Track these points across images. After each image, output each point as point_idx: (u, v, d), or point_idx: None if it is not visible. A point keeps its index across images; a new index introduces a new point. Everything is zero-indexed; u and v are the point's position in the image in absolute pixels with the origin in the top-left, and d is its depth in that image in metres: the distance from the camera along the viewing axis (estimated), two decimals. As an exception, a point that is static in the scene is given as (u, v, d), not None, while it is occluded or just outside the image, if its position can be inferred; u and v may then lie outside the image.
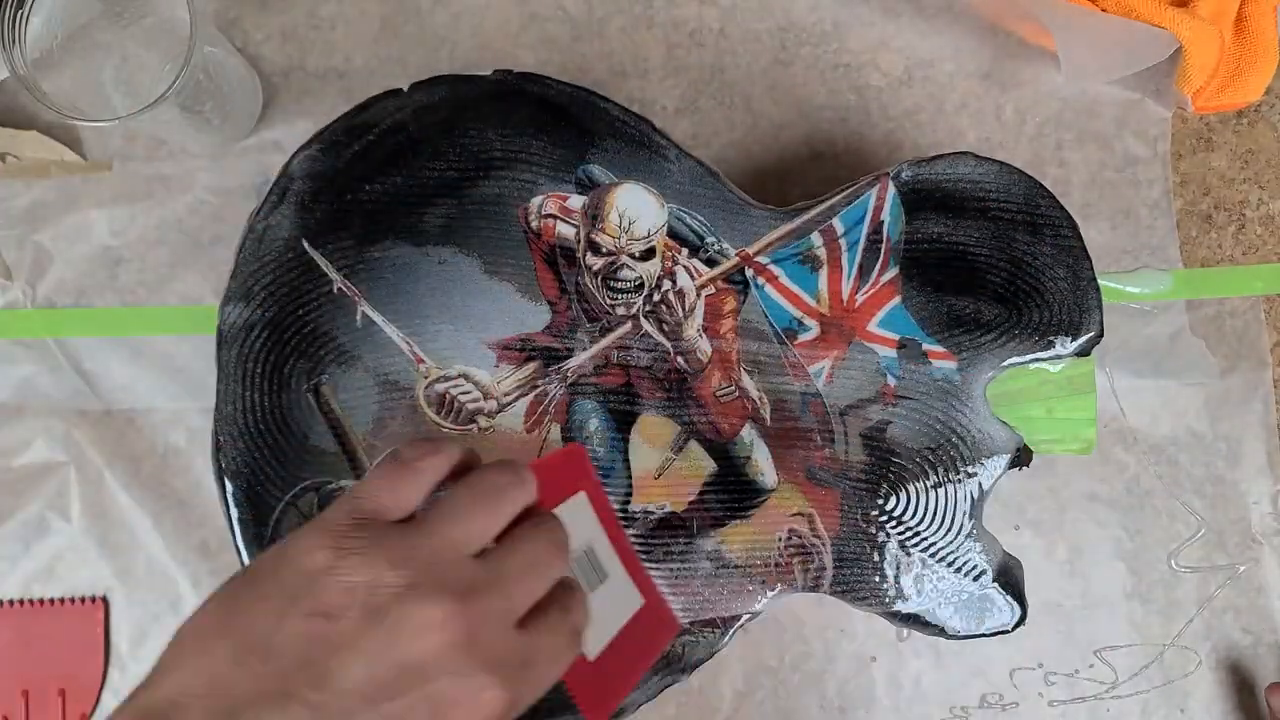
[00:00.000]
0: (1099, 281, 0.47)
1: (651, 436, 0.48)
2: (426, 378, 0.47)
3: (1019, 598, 0.47)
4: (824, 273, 0.48)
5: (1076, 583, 0.54)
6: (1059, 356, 0.47)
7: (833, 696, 0.53)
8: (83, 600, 0.52)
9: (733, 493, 0.47)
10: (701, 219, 0.47)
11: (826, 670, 0.53)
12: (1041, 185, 0.47)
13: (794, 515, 0.47)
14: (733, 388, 0.48)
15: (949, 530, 0.47)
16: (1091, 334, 0.47)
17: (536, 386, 0.47)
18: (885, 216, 0.47)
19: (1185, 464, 0.54)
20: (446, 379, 0.47)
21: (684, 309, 0.47)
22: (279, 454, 0.47)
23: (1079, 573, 0.54)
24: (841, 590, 0.47)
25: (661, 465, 0.48)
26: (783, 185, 0.54)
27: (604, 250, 0.47)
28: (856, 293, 0.48)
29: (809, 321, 0.48)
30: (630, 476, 0.47)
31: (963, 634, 0.47)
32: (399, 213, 0.47)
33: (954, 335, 0.47)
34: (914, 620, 0.47)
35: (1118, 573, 0.54)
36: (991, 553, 0.47)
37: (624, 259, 0.47)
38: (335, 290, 0.47)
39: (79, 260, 0.53)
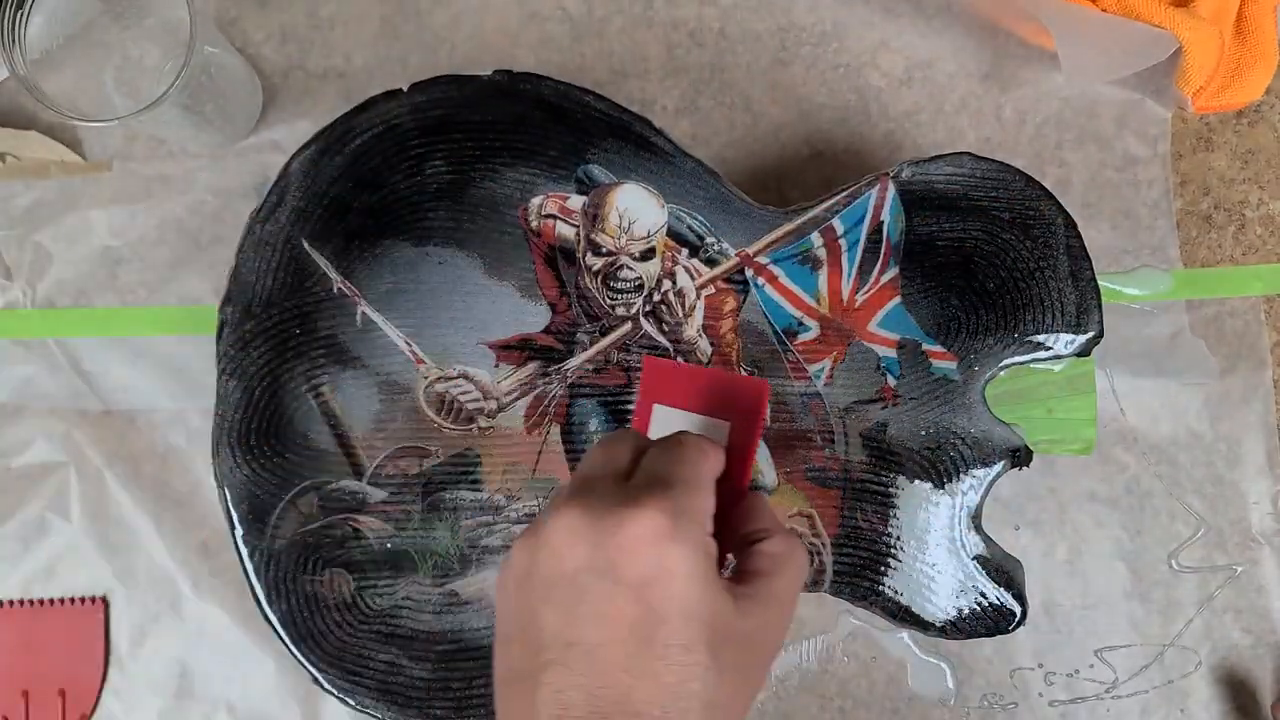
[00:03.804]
0: (1099, 281, 0.47)
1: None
2: (426, 378, 0.47)
3: (1019, 598, 0.47)
4: (824, 273, 0.48)
5: (1076, 583, 0.54)
6: (1059, 357, 0.47)
7: (833, 696, 0.53)
8: (83, 600, 0.52)
9: (733, 493, 0.47)
10: (701, 219, 0.47)
11: (826, 670, 0.53)
12: (1041, 185, 0.47)
13: (794, 515, 0.47)
14: (733, 388, 0.48)
15: (949, 530, 0.47)
16: (1091, 334, 0.47)
17: (536, 387, 0.48)
18: (885, 216, 0.47)
19: (1185, 464, 0.54)
20: (446, 379, 0.47)
21: (684, 309, 0.47)
22: (279, 454, 0.47)
23: (1079, 573, 0.54)
24: (841, 590, 0.47)
25: (661, 465, 0.48)
26: (783, 185, 0.54)
27: (604, 250, 0.47)
28: (856, 293, 0.48)
29: (809, 321, 0.48)
30: (630, 476, 0.47)
31: (962, 634, 0.47)
32: (399, 213, 0.47)
33: (954, 335, 0.47)
34: (913, 620, 0.47)
35: (1118, 573, 0.54)
36: (991, 553, 0.47)
37: (624, 259, 0.47)
38: (335, 290, 0.47)
39: (79, 260, 0.53)
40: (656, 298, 0.47)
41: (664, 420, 0.39)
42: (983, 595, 0.47)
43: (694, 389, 0.39)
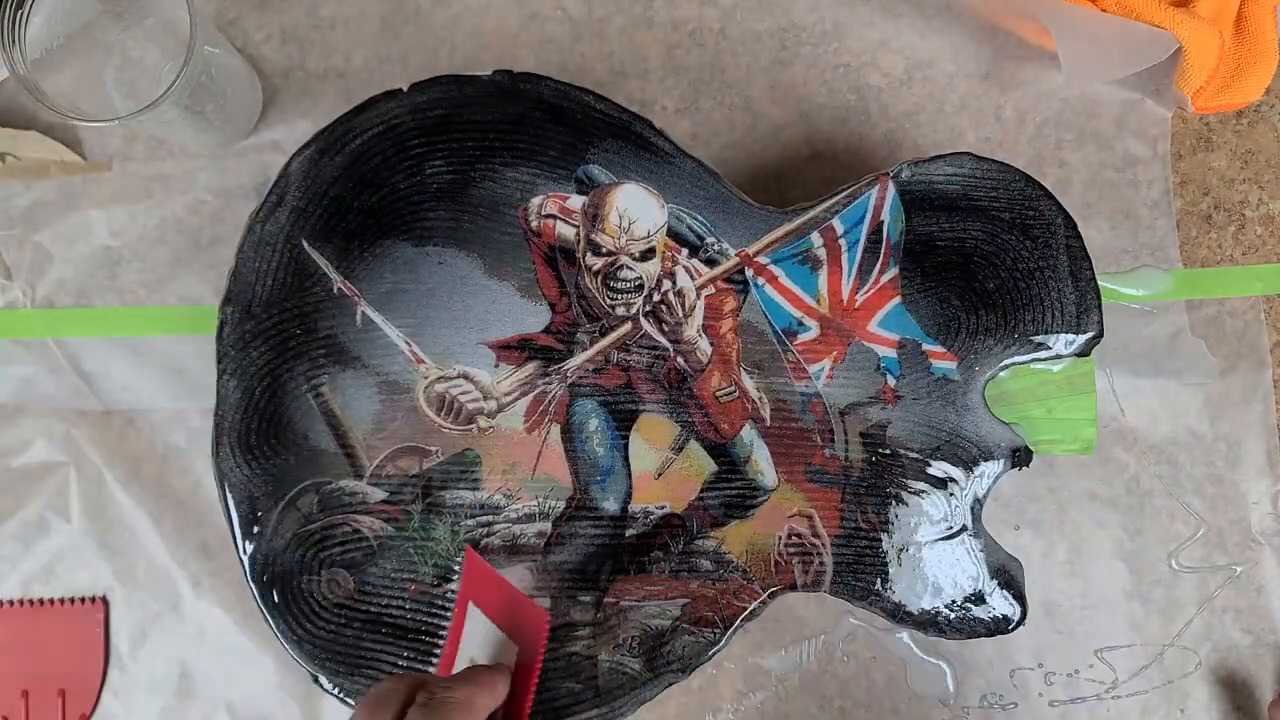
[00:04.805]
0: (1099, 281, 0.47)
1: (652, 436, 0.48)
2: (426, 378, 0.47)
3: (1019, 598, 0.47)
4: (824, 273, 0.48)
5: (1076, 583, 0.54)
6: (1059, 357, 0.47)
7: (833, 696, 0.53)
8: (83, 600, 0.52)
9: (733, 493, 0.48)
10: (701, 219, 0.47)
11: (826, 670, 0.53)
12: (1041, 185, 0.47)
13: (794, 515, 0.47)
14: (733, 388, 0.48)
15: (949, 530, 0.47)
16: (1091, 334, 0.47)
17: (536, 386, 0.48)
18: (885, 216, 0.47)
19: (1185, 464, 0.54)
20: (446, 379, 0.47)
21: (684, 309, 0.47)
22: (279, 454, 0.47)
23: (1079, 573, 0.54)
24: (841, 590, 0.47)
25: (661, 465, 0.48)
26: (783, 185, 0.54)
27: (604, 250, 0.47)
28: (856, 293, 0.48)
29: (809, 321, 0.48)
30: (630, 476, 0.48)
31: (962, 634, 0.47)
32: (399, 213, 0.47)
33: (953, 335, 0.47)
34: (914, 620, 0.47)
35: (1118, 573, 0.54)
36: (991, 553, 0.47)
37: (624, 259, 0.47)
38: (335, 290, 0.47)
39: (79, 260, 0.53)
40: (656, 298, 0.47)
41: (475, 624, 0.40)
42: (982, 596, 0.47)
43: (499, 599, 0.40)
